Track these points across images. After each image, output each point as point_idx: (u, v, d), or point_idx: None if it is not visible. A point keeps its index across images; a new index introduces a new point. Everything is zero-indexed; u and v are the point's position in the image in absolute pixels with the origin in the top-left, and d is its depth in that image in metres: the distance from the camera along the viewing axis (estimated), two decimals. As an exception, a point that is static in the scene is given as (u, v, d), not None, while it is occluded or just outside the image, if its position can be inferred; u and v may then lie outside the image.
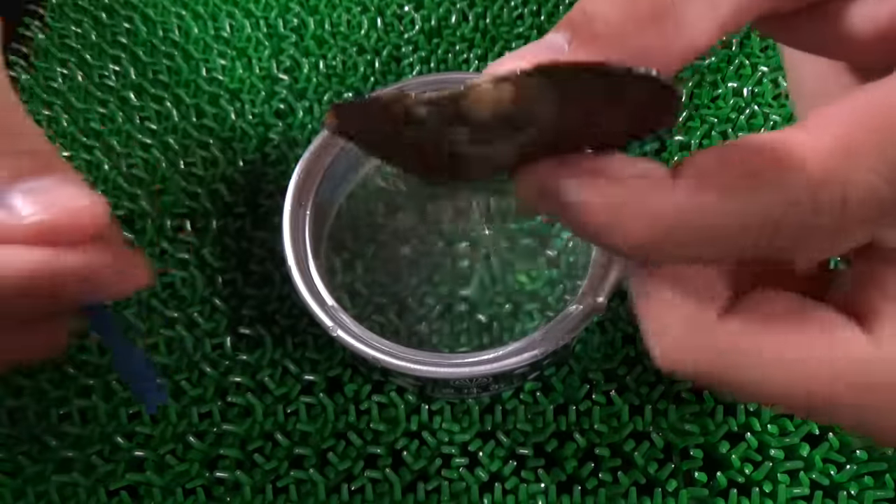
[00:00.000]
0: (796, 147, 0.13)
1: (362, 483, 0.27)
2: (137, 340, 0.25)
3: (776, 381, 0.15)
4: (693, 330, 0.15)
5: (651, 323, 0.16)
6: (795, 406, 0.15)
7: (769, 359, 0.15)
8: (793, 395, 0.15)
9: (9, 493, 0.28)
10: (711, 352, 0.15)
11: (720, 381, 0.15)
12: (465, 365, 0.24)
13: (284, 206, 0.27)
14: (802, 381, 0.15)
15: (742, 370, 0.15)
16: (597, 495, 0.26)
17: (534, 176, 0.16)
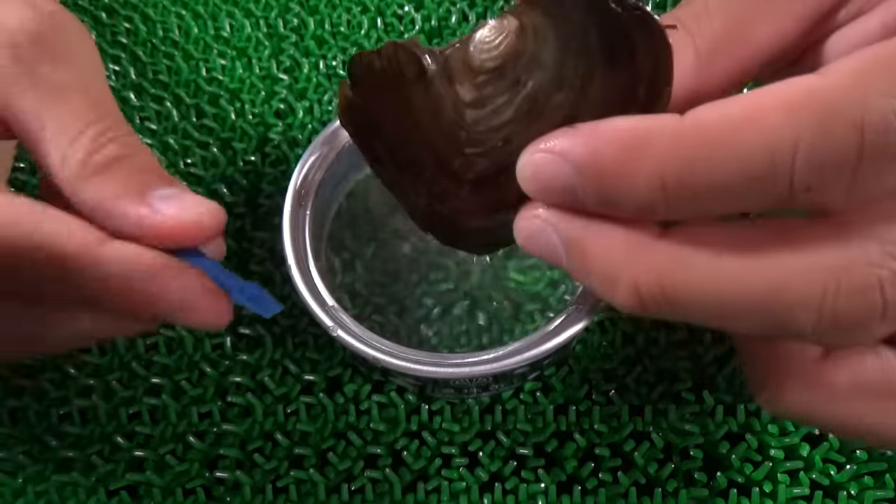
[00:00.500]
0: (807, 84, 0.14)
1: (362, 483, 0.27)
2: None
3: (724, 285, 0.16)
4: (635, 248, 0.16)
5: (592, 259, 0.17)
6: (741, 315, 0.16)
7: (721, 264, 0.16)
8: (744, 297, 0.16)
9: (9, 493, 0.28)
10: (655, 264, 0.16)
11: (665, 295, 0.16)
12: (465, 365, 0.24)
13: (284, 206, 0.27)
14: (751, 282, 0.15)
15: (687, 281, 0.16)
16: (597, 495, 0.26)
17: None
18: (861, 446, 0.26)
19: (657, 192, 0.15)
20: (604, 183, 0.16)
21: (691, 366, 0.28)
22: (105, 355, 0.30)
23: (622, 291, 0.16)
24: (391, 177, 0.22)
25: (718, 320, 0.16)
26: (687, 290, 0.16)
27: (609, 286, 0.17)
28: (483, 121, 0.18)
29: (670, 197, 0.15)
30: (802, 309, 0.15)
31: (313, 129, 0.35)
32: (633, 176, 0.15)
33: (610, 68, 0.17)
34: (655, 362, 0.28)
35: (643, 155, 0.15)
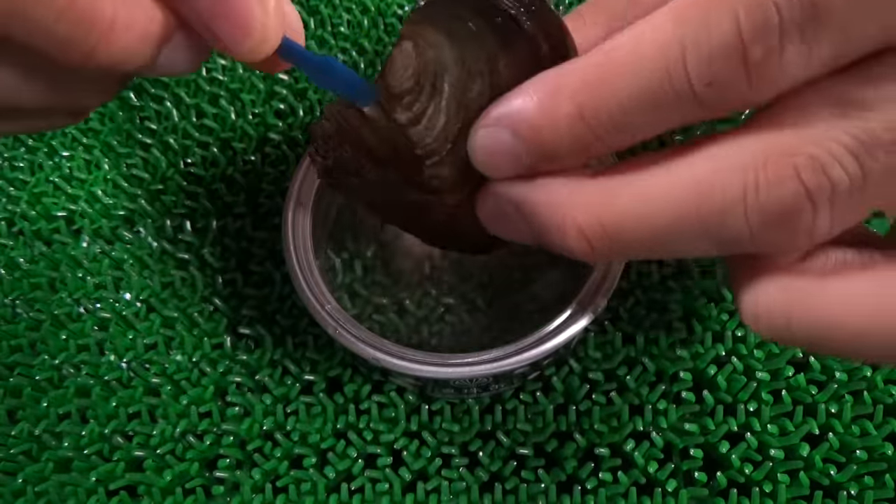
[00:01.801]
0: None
1: (362, 483, 0.27)
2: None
3: (654, 201, 0.16)
4: (572, 191, 0.18)
5: (542, 213, 0.18)
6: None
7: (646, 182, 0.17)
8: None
9: (9, 493, 0.28)
10: (590, 202, 0.17)
11: (605, 230, 0.17)
12: (465, 365, 0.24)
13: (285, 206, 0.27)
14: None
15: (621, 210, 0.17)
16: (597, 495, 0.26)
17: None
18: (861, 446, 0.26)
19: (580, 127, 0.16)
20: (536, 136, 0.17)
21: (691, 366, 0.28)
22: (104, 355, 0.30)
23: (571, 237, 0.17)
24: (387, 213, 0.24)
25: (663, 247, 0.17)
26: (622, 220, 0.17)
27: (560, 236, 0.18)
28: (426, 133, 0.19)
29: (593, 128, 0.16)
30: (730, 213, 0.15)
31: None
32: (556, 118, 0.17)
33: (506, 43, 0.19)
34: (655, 362, 0.28)
35: (559, 98, 0.17)
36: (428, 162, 0.20)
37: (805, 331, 0.16)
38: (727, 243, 0.16)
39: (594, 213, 0.17)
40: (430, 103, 0.19)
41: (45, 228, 0.33)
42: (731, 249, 0.16)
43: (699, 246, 0.16)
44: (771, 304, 0.17)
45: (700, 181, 0.16)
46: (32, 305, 0.32)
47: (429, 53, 0.19)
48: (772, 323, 0.17)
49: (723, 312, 0.29)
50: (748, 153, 0.15)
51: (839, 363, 0.28)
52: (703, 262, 0.30)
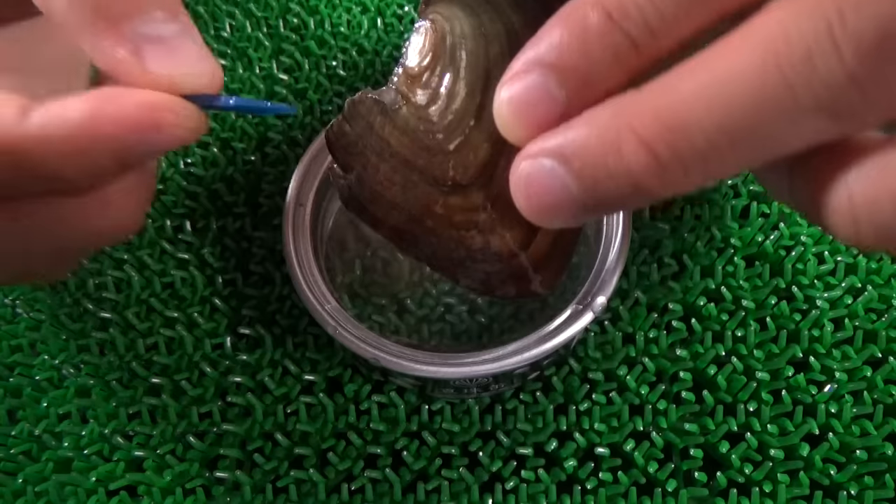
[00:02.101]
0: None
1: (362, 483, 0.27)
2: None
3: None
4: (619, 106, 0.15)
5: (589, 146, 0.15)
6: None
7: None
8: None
9: (9, 493, 0.28)
10: (644, 105, 0.15)
11: (667, 127, 0.14)
12: (465, 365, 0.25)
13: (285, 206, 0.27)
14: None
15: (681, 100, 0.14)
16: (597, 495, 0.26)
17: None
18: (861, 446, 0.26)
19: (610, 31, 0.15)
20: (565, 60, 0.15)
21: (691, 366, 0.28)
22: (104, 355, 0.30)
23: (630, 154, 0.14)
24: (412, 242, 0.23)
25: (749, 138, 0.13)
26: (690, 110, 0.14)
27: (617, 160, 0.14)
28: (446, 109, 0.19)
29: (626, 29, 0.14)
30: (819, 55, 0.12)
31: (313, 129, 0.35)
32: (584, 30, 0.15)
33: (518, 5, 0.18)
34: (655, 362, 0.28)
35: (580, 11, 0.15)
36: (450, 146, 0.19)
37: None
38: (827, 105, 0.13)
39: (653, 112, 0.14)
40: (448, 74, 0.18)
41: (45, 228, 0.33)
42: (835, 116, 0.13)
43: (793, 121, 0.13)
44: (872, 191, 0.13)
45: (771, 36, 0.13)
46: (32, 305, 0.32)
47: (444, 26, 0.19)
48: (879, 216, 0.13)
49: (723, 312, 0.29)
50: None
51: (839, 363, 0.28)
52: (703, 262, 0.30)
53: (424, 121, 0.19)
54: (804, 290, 0.29)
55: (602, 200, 0.15)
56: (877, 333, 0.28)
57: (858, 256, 0.30)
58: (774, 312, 0.29)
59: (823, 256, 0.30)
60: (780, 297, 0.29)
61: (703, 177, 0.14)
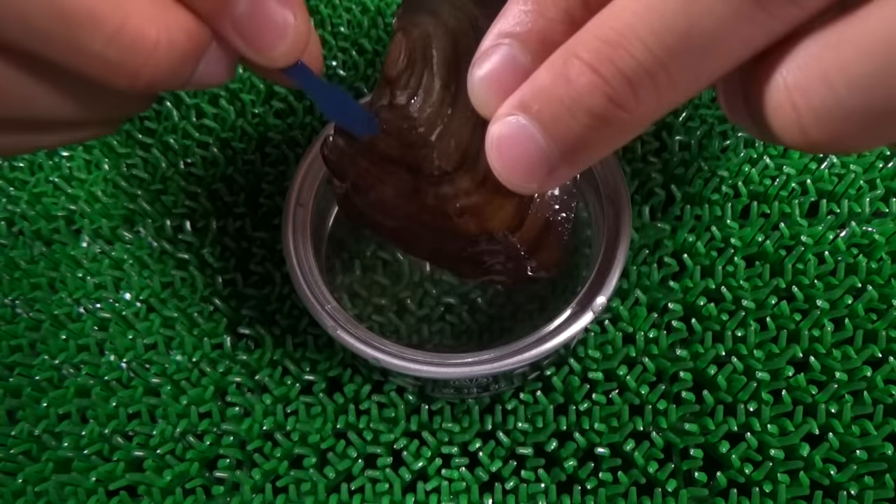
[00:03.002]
0: None
1: (362, 483, 0.27)
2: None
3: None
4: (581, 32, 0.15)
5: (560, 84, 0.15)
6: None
7: None
8: None
9: (9, 493, 0.28)
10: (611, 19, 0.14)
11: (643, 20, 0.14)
12: (465, 365, 0.24)
13: (285, 207, 0.27)
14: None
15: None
16: (597, 495, 0.26)
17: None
18: (861, 446, 0.26)
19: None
20: (528, 26, 0.15)
21: (691, 366, 0.28)
22: (104, 355, 0.30)
23: (575, 75, 0.14)
24: (410, 239, 0.24)
25: (674, 39, 0.13)
26: (621, 22, 0.14)
27: (566, 86, 0.14)
28: (424, 104, 0.20)
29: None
30: None
31: (313, 129, 0.35)
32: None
33: (482, 2, 0.20)
34: (655, 362, 0.28)
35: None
36: (432, 137, 0.20)
37: (859, 83, 0.13)
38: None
39: (594, 34, 0.14)
40: (424, 72, 0.20)
41: (45, 228, 0.33)
42: (764, 8, 0.13)
43: (728, 20, 0.13)
44: (803, 78, 0.13)
45: None
46: (32, 305, 0.32)
47: (415, 32, 0.20)
48: (815, 101, 0.13)
49: (723, 312, 0.29)
50: None
51: (839, 363, 0.28)
52: (704, 262, 0.30)
53: (406, 118, 0.20)
54: (804, 290, 0.29)
55: (569, 143, 0.15)
56: (877, 333, 0.28)
57: (859, 256, 0.30)
58: (774, 312, 0.29)
59: (823, 256, 0.30)
60: (781, 297, 0.29)
61: (656, 98, 0.14)
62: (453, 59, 0.20)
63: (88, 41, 0.15)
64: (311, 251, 0.27)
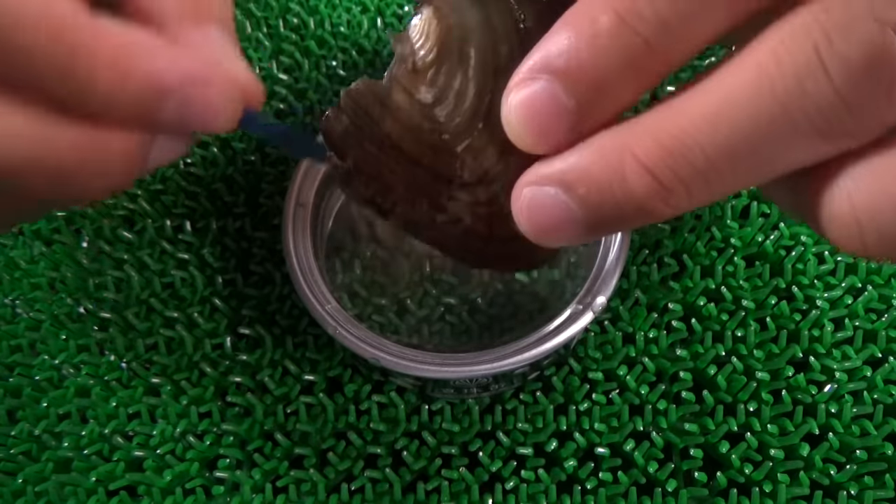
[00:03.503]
0: None
1: (362, 483, 0.27)
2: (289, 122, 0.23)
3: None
4: (618, 133, 0.15)
5: (592, 171, 0.15)
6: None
7: None
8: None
9: (8, 493, 0.28)
10: (642, 129, 0.15)
11: (664, 147, 0.14)
12: (465, 365, 0.25)
13: (285, 207, 0.27)
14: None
15: (677, 122, 0.14)
16: (597, 495, 0.26)
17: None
18: (861, 446, 0.26)
19: (623, 33, 0.14)
20: (576, 66, 0.15)
21: (691, 366, 0.28)
22: (104, 355, 0.30)
23: (633, 179, 0.14)
24: (419, 227, 0.22)
25: (748, 157, 0.14)
26: (689, 135, 0.14)
27: (622, 185, 0.15)
28: (455, 111, 0.18)
29: (640, 31, 0.14)
30: (809, 78, 0.13)
31: (314, 128, 0.35)
32: (595, 33, 0.14)
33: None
34: (655, 362, 0.28)
35: (593, 12, 0.14)
36: (458, 148, 0.18)
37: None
38: (819, 126, 0.13)
39: (653, 136, 0.14)
40: (457, 74, 0.17)
41: (45, 228, 0.33)
42: (827, 136, 0.13)
43: (789, 142, 0.13)
44: (871, 196, 0.14)
45: (764, 60, 0.13)
46: (32, 305, 0.32)
47: (450, 17, 0.17)
48: (881, 222, 0.13)
49: (723, 312, 0.29)
50: (807, 17, 0.13)
51: (839, 363, 0.28)
52: (703, 262, 0.30)
53: (430, 120, 0.18)
54: (804, 290, 0.29)
55: (606, 222, 0.15)
56: (877, 333, 0.28)
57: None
58: (774, 312, 0.29)
59: (823, 256, 0.30)
60: (781, 297, 0.29)
61: (708, 197, 0.15)
62: (493, 64, 0.17)
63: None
64: (311, 251, 0.27)
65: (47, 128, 0.16)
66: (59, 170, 0.16)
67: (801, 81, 0.13)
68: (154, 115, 0.16)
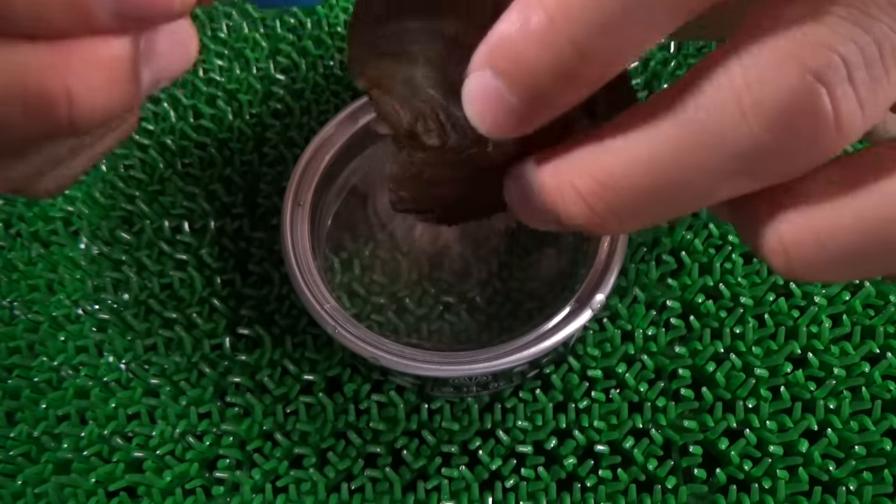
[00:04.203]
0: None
1: (362, 482, 0.27)
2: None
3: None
4: (564, 158, 0.16)
5: (545, 190, 0.16)
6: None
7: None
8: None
9: (8, 495, 0.28)
10: (583, 161, 0.16)
11: (602, 185, 0.15)
12: (464, 363, 0.25)
13: (283, 207, 0.27)
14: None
15: (614, 162, 0.15)
16: (597, 493, 0.26)
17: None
18: (859, 442, 0.26)
19: (556, 40, 0.14)
20: (515, 65, 0.15)
21: (690, 363, 0.28)
22: (103, 356, 0.30)
23: (570, 203, 0.16)
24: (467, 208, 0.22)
25: (673, 192, 0.15)
26: (617, 171, 0.15)
27: (563, 205, 0.16)
28: (465, 135, 0.18)
29: (571, 38, 0.14)
30: (728, 123, 0.13)
31: (311, 129, 0.35)
32: (529, 34, 0.14)
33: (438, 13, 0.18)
34: (654, 359, 0.28)
35: (530, 10, 0.14)
36: (489, 147, 0.18)
37: (850, 251, 0.14)
38: (741, 168, 0.14)
39: (589, 171, 0.15)
40: (437, 113, 0.18)
41: (43, 230, 0.33)
42: (751, 176, 0.14)
43: (712, 182, 0.14)
44: (797, 233, 0.14)
45: (687, 106, 0.14)
46: (31, 307, 0.32)
47: (396, 87, 0.18)
48: (806, 255, 0.14)
49: (721, 309, 0.29)
50: (733, 63, 0.13)
51: (837, 359, 0.28)
52: (702, 259, 0.30)
53: (452, 151, 0.19)
54: (802, 286, 0.29)
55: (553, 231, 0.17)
56: (874, 329, 0.28)
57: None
58: (772, 309, 0.29)
59: (821, 253, 0.30)
60: (778, 294, 0.29)
61: (640, 225, 0.16)
62: (453, 84, 0.18)
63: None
64: (309, 251, 0.27)
65: (6, 53, 0.14)
66: (41, 93, 0.14)
67: (721, 128, 0.13)
68: (93, 14, 0.15)
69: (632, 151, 0.15)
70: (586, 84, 0.15)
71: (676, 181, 0.14)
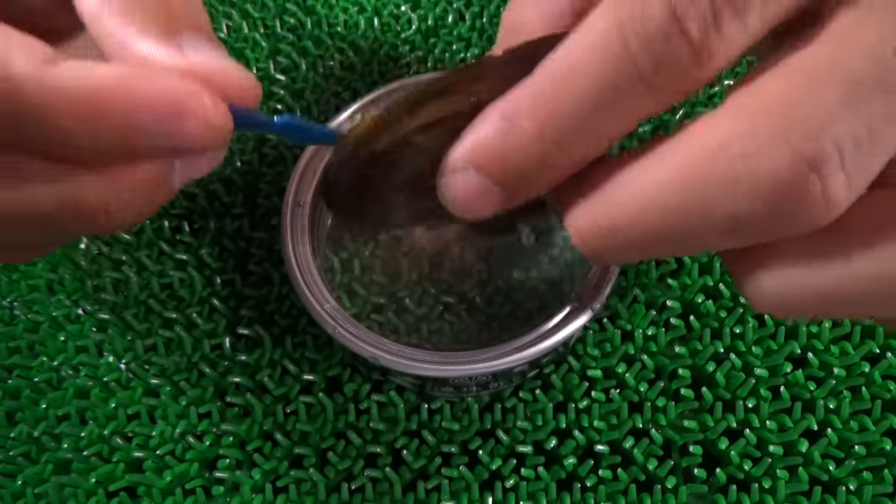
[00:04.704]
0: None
1: (362, 482, 0.27)
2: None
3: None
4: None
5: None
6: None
7: None
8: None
9: (8, 495, 0.28)
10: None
11: (598, 224, 0.16)
12: (464, 363, 0.25)
13: (283, 207, 0.27)
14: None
15: (611, 201, 0.16)
16: (597, 492, 0.26)
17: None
18: (859, 441, 0.26)
19: (542, 144, 0.16)
20: (501, 168, 0.16)
21: (690, 363, 0.28)
22: (103, 356, 0.30)
23: (579, 241, 0.17)
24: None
25: (665, 240, 0.15)
26: (618, 217, 0.16)
27: (576, 237, 0.17)
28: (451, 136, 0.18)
29: (557, 141, 0.15)
30: (721, 189, 0.14)
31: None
32: (517, 142, 0.16)
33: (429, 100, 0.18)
34: (654, 359, 0.28)
35: (515, 120, 0.16)
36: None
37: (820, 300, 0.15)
38: (735, 230, 0.14)
39: (593, 218, 0.16)
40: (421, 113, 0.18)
41: (43, 230, 0.33)
42: (739, 236, 0.15)
43: (709, 241, 0.15)
44: (782, 289, 0.16)
45: (685, 164, 0.15)
46: (30, 307, 0.32)
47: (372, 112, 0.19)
48: (802, 306, 0.16)
49: (721, 309, 0.29)
50: (728, 131, 0.14)
51: (837, 359, 0.28)
52: (701, 259, 0.30)
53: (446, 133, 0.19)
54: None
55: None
56: (874, 329, 0.28)
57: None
58: (772, 309, 0.29)
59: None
60: (778, 294, 0.29)
61: (642, 258, 0.17)
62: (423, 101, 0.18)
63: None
64: (309, 251, 0.27)
65: (58, 177, 0.16)
66: (83, 211, 0.17)
67: (711, 198, 0.14)
68: (140, 147, 0.17)
69: (639, 207, 0.15)
70: (570, 167, 0.16)
71: (675, 239, 0.15)
